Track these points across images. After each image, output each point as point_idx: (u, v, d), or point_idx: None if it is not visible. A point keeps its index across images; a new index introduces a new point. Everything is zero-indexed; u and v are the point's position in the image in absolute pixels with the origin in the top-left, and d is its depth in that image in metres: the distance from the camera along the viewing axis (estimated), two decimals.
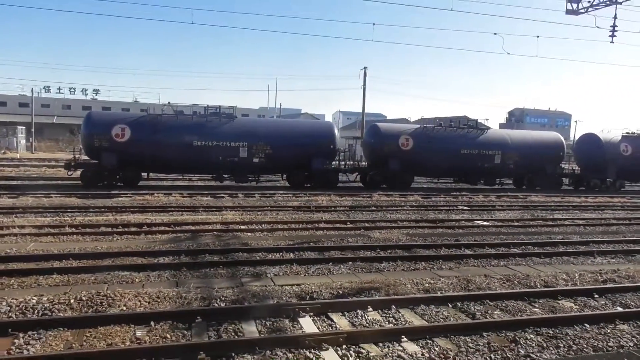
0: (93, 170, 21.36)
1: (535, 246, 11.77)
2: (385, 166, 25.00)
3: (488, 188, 27.14)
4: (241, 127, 23.08)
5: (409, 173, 25.74)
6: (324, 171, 23.68)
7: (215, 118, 22.68)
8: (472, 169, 26.75)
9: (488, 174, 27.53)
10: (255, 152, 22.58)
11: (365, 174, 26.17)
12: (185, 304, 6.88)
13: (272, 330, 6.17)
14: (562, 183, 29.29)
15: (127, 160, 20.97)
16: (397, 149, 25.00)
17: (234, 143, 22.34)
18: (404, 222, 14.53)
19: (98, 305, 6.60)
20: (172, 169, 23.18)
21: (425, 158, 25.42)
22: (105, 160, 20.81)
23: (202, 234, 11.77)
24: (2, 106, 72.41)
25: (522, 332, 6.37)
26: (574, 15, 17.84)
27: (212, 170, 23.19)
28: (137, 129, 21.28)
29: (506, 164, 27.11)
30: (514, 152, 27.08)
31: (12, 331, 5.64)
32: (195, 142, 21.85)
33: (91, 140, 21.06)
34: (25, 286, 7.41)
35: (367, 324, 6.47)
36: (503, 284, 8.55)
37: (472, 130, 27.00)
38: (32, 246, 9.87)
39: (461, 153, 26.10)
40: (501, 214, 17.49)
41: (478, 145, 26.50)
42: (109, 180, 21.18)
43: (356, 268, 9.31)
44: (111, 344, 5.53)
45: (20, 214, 13.53)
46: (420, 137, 25.55)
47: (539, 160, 27.62)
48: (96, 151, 21.13)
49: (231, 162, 22.44)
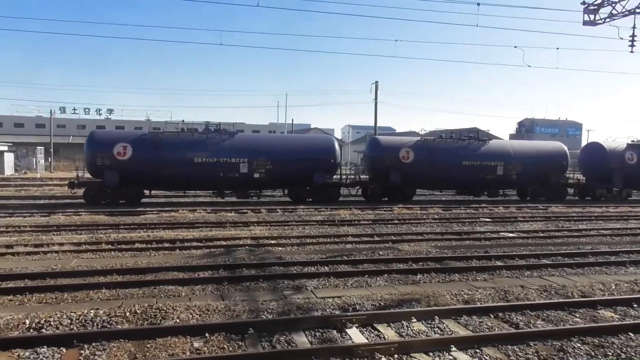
0: (95, 189, 21.60)
1: (566, 257, 11.84)
2: (387, 179, 24.92)
3: (503, 199, 27.12)
4: (241, 143, 23.25)
5: (411, 186, 25.67)
6: (324, 185, 23.78)
7: (215, 135, 22.89)
8: (474, 181, 26.54)
9: (491, 186, 27.26)
10: (256, 167, 22.74)
11: (367, 187, 26.16)
12: (235, 316, 7.08)
13: (322, 341, 6.34)
14: (566, 193, 28.86)
15: (129, 178, 21.19)
16: (397, 162, 24.96)
17: (235, 159, 22.55)
18: (430, 235, 14.67)
19: (152, 317, 6.82)
20: (174, 186, 23.41)
21: (427, 170, 25.30)
22: (107, 178, 21.02)
23: (235, 249, 12.00)
24: (19, 127, 73.79)
25: (568, 341, 6.46)
26: (591, 26, 18.01)
27: (214, 187, 23.34)
28: (139, 147, 21.55)
29: (509, 175, 26.82)
30: (516, 163, 26.82)
31: (77, 342, 5.87)
32: (196, 158, 22.05)
33: (94, 159, 21.34)
34: (79, 300, 7.67)
35: (414, 334, 6.62)
36: (541, 295, 8.65)
37: (474, 142, 26.81)
38: (75, 262, 10.16)
39: (462, 165, 25.89)
40: (525, 225, 17.54)
41: (480, 156, 26.33)
42: (111, 198, 21.39)
43: (392, 280, 9.46)
44: (172, 354, 5.74)
45: (56, 232, 13.87)
46: (420, 150, 25.49)
47: (543, 171, 27.31)
48: (99, 170, 21.36)
49: (232, 178, 22.56)
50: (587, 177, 30.30)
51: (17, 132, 69.88)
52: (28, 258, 10.64)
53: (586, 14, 18.40)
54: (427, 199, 27.50)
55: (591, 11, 18.30)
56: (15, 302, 7.65)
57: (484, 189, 27.37)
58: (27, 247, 11.59)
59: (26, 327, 6.37)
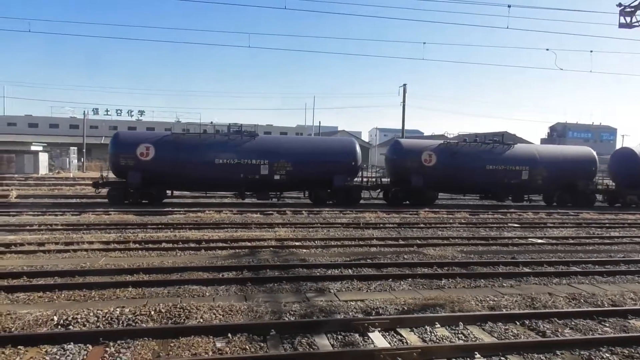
0: (119, 189, 22.00)
1: (596, 264, 11.53)
2: (408, 182, 24.66)
3: (530, 205, 26.63)
4: (262, 145, 23.34)
5: (432, 189, 25.36)
6: (345, 188, 23.69)
7: (236, 136, 23.06)
8: (498, 185, 26.03)
9: (515, 190, 26.69)
10: (276, 169, 22.77)
11: (388, 190, 25.94)
12: (257, 317, 7.11)
13: (344, 344, 6.31)
14: (595, 199, 28.05)
15: (152, 178, 21.51)
16: (419, 165, 24.66)
17: (255, 161, 22.63)
18: (456, 240, 14.48)
19: (176, 317, 6.91)
20: (195, 187, 23.62)
21: (449, 174, 24.90)
22: (130, 178, 21.36)
23: (259, 250, 12.07)
24: (54, 128, 75.89)
25: (596, 351, 6.30)
26: (627, 28, 17.52)
27: (234, 188, 23.51)
28: (161, 148, 21.82)
29: (534, 180, 26.20)
30: (542, 168, 26.18)
31: (103, 340, 5.98)
32: (218, 160, 22.21)
33: (117, 160, 21.72)
34: (106, 298, 7.83)
35: (437, 340, 6.53)
36: (569, 303, 8.44)
37: (498, 146, 26.30)
38: (104, 261, 10.37)
39: (486, 169, 25.42)
40: (554, 231, 17.16)
41: (504, 160, 25.80)
42: (134, 198, 21.76)
43: (416, 285, 9.37)
44: (195, 354, 5.79)
45: (86, 230, 14.20)
46: (443, 153, 25.14)
47: (570, 176, 26.59)
48: (122, 170, 21.74)
49: (252, 180, 22.66)
50: (617, 183, 29.42)
51: (52, 133, 71.93)
52: (58, 256, 10.91)
53: (622, 16, 17.92)
54: (453, 203, 27.21)
55: (627, 13, 17.81)
56: (44, 298, 7.84)
57: (508, 194, 26.89)
58: (57, 245, 11.87)
59: (54, 324, 6.52)
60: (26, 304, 7.58)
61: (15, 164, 43.08)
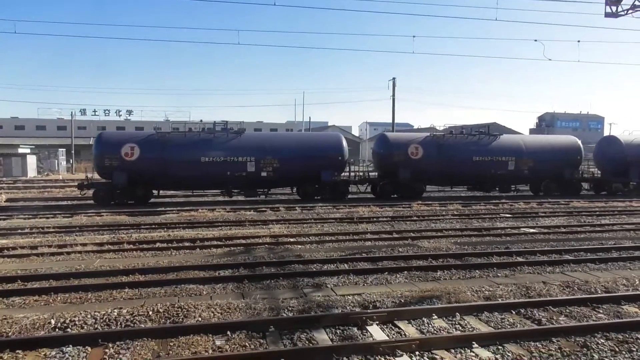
0: (105, 189, 21.84)
1: (588, 252, 11.68)
2: (395, 176, 24.72)
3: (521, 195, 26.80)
4: (248, 142, 23.19)
5: (420, 182, 25.43)
6: (333, 183, 23.70)
7: (222, 134, 22.91)
8: (485, 176, 26.17)
9: (502, 181, 26.85)
10: (263, 166, 22.66)
11: (376, 184, 25.97)
12: (255, 314, 7.13)
13: (343, 338, 6.34)
14: (581, 188, 28.27)
15: (137, 178, 21.35)
16: (406, 158, 24.70)
17: (241, 158, 22.49)
18: (450, 231, 14.58)
19: (174, 316, 6.91)
20: (181, 186, 23.49)
21: (436, 166, 24.99)
22: (116, 179, 21.18)
23: (254, 247, 12.08)
24: (41, 130, 75.18)
25: (591, 337, 6.39)
26: (613, 17, 17.67)
27: (221, 186, 23.40)
28: (146, 147, 21.63)
29: (521, 170, 26.37)
30: (528, 158, 26.35)
31: (102, 341, 5.97)
32: (203, 158, 22.02)
33: (102, 160, 21.48)
34: (103, 300, 7.80)
35: (435, 331, 6.59)
36: (563, 291, 8.54)
37: (484, 137, 26.40)
38: (98, 262, 10.33)
39: (473, 160, 25.51)
40: (546, 220, 17.32)
41: (490, 151, 25.93)
42: (120, 198, 21.61)
43: (412, 277, 9.43)
44: (195, 352, 5.80)
45: (78, 232, 14.11)
46: (430, 146, 25.18)
47: (556, 166, 26.76)
48: (107, 171, 21.51)
49: (239, 177, 22.53)
50: (602, 171, 29.63)
51: (39, 135, 71.30)
52: (52, 259, 10.85)
53: (608, 5, 18.09)
54: (443, 195, 27.33)
55: (613, 2, 17.99)
56: (40, 302, 7.81)
57: (496, 184, 27.00)
58: (51, 247, 11.81)
59: (52, 327, 6.50)
60: (22, 307, 7.54)
61: (3, 167, 42.64)
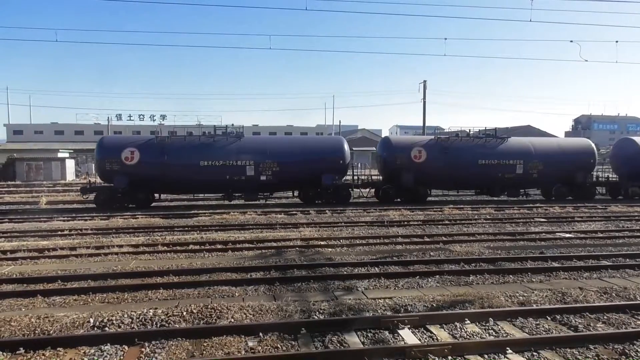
0: (106, 193, 22.21)
1: (627, 258, 11.35)
2: (398, 180, 24.38)
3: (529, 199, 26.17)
4: (248, 145, 23.17)
5: (424, 186, 24.99)
6: (334, 187, 23.56)
7: (222, 138, 22.99)
8: (491, 180, 25.45)
9: (510, 185, 26.01)
10: (262, 170, 22.63)
11: (379, 188, 25.61)
12: (287, 316, 7.19)
13: (374, 342, 6.33)
14: (595, 192, 27.22)
15: (137, 182, 21.66)
16: (409, 162, 24.29)
17: (241, 162, 22.49)
18: (482, 235, 14.39)
19: (208, 317, 7.03)
20: (181, 190, 23.64)
21: (440, 170, 24.49)
22: (117, 183, 21.54)
23: (285, 250, 12.17)
24: (79, 135, 77.45)
25: (630, 344, 6.21)
26: None
27: (221, 190, 23.47)
28: (146, 151, 21.88)
29: (530, 174, 25.57)
30: (537, 161, 25.52)
31: (138, 340, 6.12)
32: (203, 162, 22.11)
33: (103, 164, 21.79)
34: (138, 300, 8.00)
35: (467, 336, 6.51)
36: (601, 297, 8.33)
37: (491, 140, 25.69)
38: (134, 264, 10.60)
39: (479, 163, 24.87)
40: (582, 225, 16.90)
41: (497, 155, 25.24)
42: (121, 202, 21.93)
43: (444, 281, 9.35)
44: (228, 353, 5.89)
45: (115, 234, 14.50)
46: (433, 149, 24.69)
47: (567, 169, 25.86)
48: (108, 175, 21.87)
49: (239, 181, 22.54)
50: (619, 174, 28.66)
51: (77, 140, 73.45)
52: (90, 260, 11.19)
53: None
54: (449, 199, 26.97)
55: None
56: (79, 301, 8.06)
57: (503, 188, 26.20)
58: (89, 249, 12.18)
59: (90, 326, 6.70)
60: (62, 307, 7.79)
61: (44, 171, 44.17)
